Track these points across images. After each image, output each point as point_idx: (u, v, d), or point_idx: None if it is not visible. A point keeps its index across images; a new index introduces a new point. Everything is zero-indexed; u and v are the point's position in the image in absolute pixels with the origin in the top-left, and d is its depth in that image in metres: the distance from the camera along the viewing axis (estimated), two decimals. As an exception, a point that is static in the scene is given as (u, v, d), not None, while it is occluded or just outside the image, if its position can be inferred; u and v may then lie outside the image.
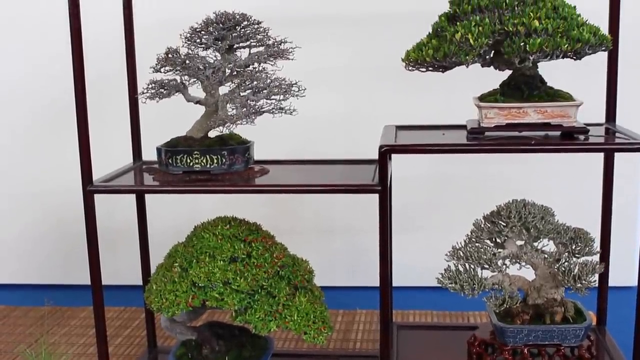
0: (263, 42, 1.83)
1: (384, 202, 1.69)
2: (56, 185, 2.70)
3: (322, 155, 2.13)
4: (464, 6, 1.71)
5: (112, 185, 1.85)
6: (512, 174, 2.49)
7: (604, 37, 1.70)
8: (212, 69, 1.80)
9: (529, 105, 1.73)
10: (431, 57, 1.70)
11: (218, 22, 1.81)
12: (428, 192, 2.58)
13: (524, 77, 1.77)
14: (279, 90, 1.76)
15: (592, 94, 1.91)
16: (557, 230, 1.84)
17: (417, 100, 2.43)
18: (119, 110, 2.18)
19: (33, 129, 2.68)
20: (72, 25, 1.75)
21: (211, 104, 1.84)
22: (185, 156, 1.81)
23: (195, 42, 1.83)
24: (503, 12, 1.68)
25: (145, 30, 2.20)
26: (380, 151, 1.68)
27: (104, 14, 2.32)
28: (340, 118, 2.53)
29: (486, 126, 1.76)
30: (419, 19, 1.90)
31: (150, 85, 1.85)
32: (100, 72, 2.22)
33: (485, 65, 1.76)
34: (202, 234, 1.84)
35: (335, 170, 1.94)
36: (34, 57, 2.62)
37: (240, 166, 1.82)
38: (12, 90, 2.66)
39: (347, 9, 2.45)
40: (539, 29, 1.64)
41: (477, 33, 1.65)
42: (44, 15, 2.57)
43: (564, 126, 1.74)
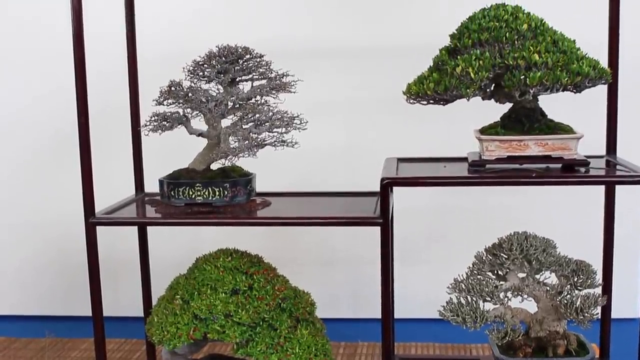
0: (265, 75, 1.85)
1: (386, 234, 1.69)
2: (58, 216, 2.70)
3: (324, 187, 2.14)
4: (464, 40, 1.73)
5: (114, 218, 1.85)
6: (514, 205, 2.49)
7: (604, 70, 1.71)
8: (215, 101, 1.82)
9: (529, 138, 1.74)
10: (432, 91, 1.71)
11: (221, 55, 1.83)
12: (429, 223, 2.58)
13: (525, 110, 1.78)
14: (281, 123, 1.77)
15: (592, 126, 1.92)
16: (559, 262, 1.84)
17: (418, 132, 2.44)
18: (121, 142, 2.19)
19: (35, 160, 2.69)
20: (76, 57, 1.77)
21: (213, 136, 1.85)
22: (188, 188, 1.82)
23: (198, 75, 1.85)
24: (503, 46, 1.70)
25: (149, 63, 2.22)
26: (382, 184, 1.69)
27: (107, 46, 2.34)
28: (342, 150, 2.53)
29: (487, 159, 1.76)
30: (419, 52, 1.92)
31: (153, 118, 1.87)
32: (103, 104, 2.24)
33: (486, 98, 1.77)
34: (203, 266, 1.84)
35: (337, 202, 1.94)
36: (37, 88, 2.64)
37: (242, 198, 1.83)
38: (15, 121, 2.68)
39: (348, 42, 2.47)
40: (539, 62, 1.65)
41: (477, 67, 1.67)
42: (48, 47, 2.59)
43: (565, 159, 1.75)
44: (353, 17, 2.47)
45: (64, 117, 2.48)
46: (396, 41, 2.44)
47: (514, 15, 1.73)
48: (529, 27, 1.71)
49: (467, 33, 1.73)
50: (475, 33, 1.71)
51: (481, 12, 1.76)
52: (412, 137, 2.44)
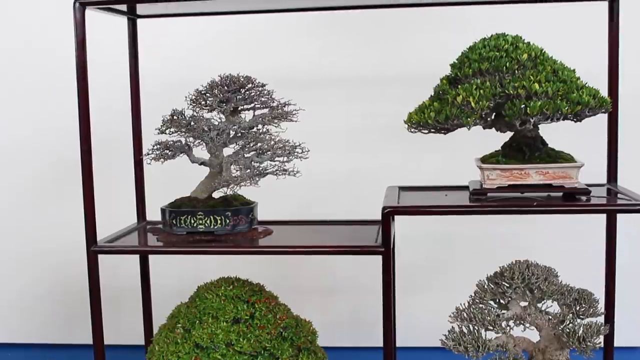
0: (267, 104, 1.86)
1: (388, 263, 1.69)
2: (59, 243, 2.70)
3: (325, 215, 2.14)
4: (465, 70, 1.74)
5: (116, 246, 1.85)
6: (515, 234, 2.49)
7: (604, 99, 1.72)
8: (217, 130, 1.83)
9: (530, 167, 1.75)
10: (433, 120, 1.72)
11: (223, 84, 1.85)
12: (431, 251, 2.57)
13: (526, 139, 1.79)
14: (283, 152, 1.78)
15: (593, 154, 1.93)
16: (561, 291, 1.83)
17: (420, 160, 2.45)
18: (124, 170, 2.20)
19: (38, 187, 2.70)
20: (79, 86, 1.78)
21: (215, 165, 1.86)
22: (189, 217, 1.82)
23: (200, 104, 1.86)
24: (504, 75, 1.71)
25: (151, 92, 2.24)
26: (383, 213, 1.69)
27: (110, 75, 2.36)
28: (344, 178, 2.54)
29: (488, 187, 1.77)
30: (420, 81, 1.93)
31: (155, 147, 1.87)
32: (106, 132, 2.25)
33: (487, 127, 1.78)
34: (205, 294, 1.84)
35: (339, 230, 1.94)
36: (40, 117, 2.65)
37: (244, 227, 1.83)
38: (18, 148, 2.69)
39: (349, 71, 2.48)
40: (539, 92, 1.66)
41: (478, 96, 1.68)
42: (52, 75, 2.61)
43: (566, 187, 1.75)
44: (354, 46, 2.49)
45: (66, 144, 2.49)
46: (397, 70, 2.45)
47: (514, 45, 1.74)
48: (529, 56, 1.73)
49: (468, 62, 1.75)
50: (475, 62, 1.73)
51: (481, 41, 1.78)
52: (414, 165, 2.45)
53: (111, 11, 1.93)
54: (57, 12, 2.51)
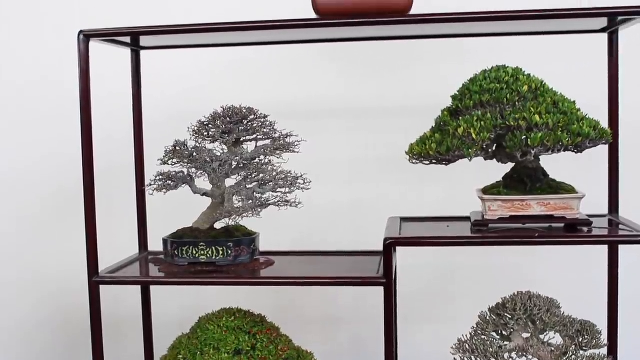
0: (269, 135, 1.87)
1: (389, 294, 1.69)
2: (60, 271, 2.69)
3: (327, 245, 2.14)
4: (465, 101, 1.75)
5: (117, 277, 1.85)
6: (517, 265, 2.48)
7: (604, 131, 1.73)
8: (219, 161, 1.83)
9: (532, 198, 1.75)
10: (434, 151, 1.73)
11: (225, 115, 1.86)
12: (433, 282, 2.57)
13: (527, 170, 1.79)
14: (285, 183, 1.79)
15: (594, 185, 1.93)
16: (564, 322, 1.83)
17: (421, 191, 2.45)
18: (126, 200, 2.21)
19: (40, 216, 2.70)
20: (82, 116, 1.80)
21: (218, 195, 1.86)
22: (191, 247, 1.82)
23: (202, 135, 1.87)
24: (504, 107, 1.72)
25: (154, 122, 2.25)
26: (385, 244, 1.69)
27: (113, 105, 2.37)
28: (345, 208, 2.54)
29: (490, 218, 1.77)
30: (421, 113, 1.94)
31: (157, 177, 1.88)
32: (108, 162, 2.26)
33: (488, 158, 1.78)
34: (206, 325, 1.83)
35: (341, 261, 1.94)
36: (43, 145, 2.66)
37: (245, 258, 1.83)
38: (21, 177, 2.69)
39: (351, 102, 2.50)
40: (540, 123, 1.67)
41: (479, 128, 1.69)
42: (55, 104, 2.62)
43: (568, 218, 1.75)
44: (355, 77, 2.50)
45: (69, 174, 2.50)
46: (398, 101, 2.46)
47: (515, 77, 1.75)
48: (530, 88, 1.74)
49: (469, 94, 1.76)
50: (476, 94, 1.74)
51: (482, 73, 1.79)
52: (415, 196, 2.45)
53: (115, 43, 1.95)
54: (60, 42, 2.54)
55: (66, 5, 2.58)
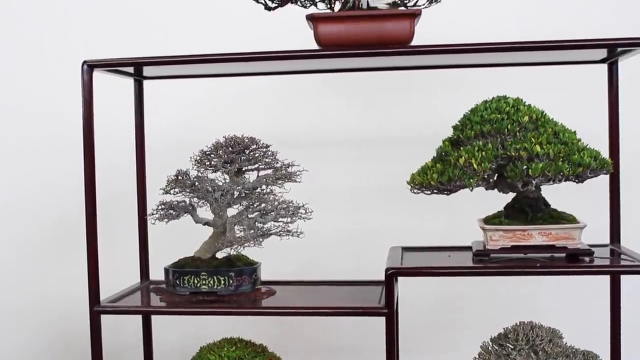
0: (271, 165, 1.88)
1: (391, 324, 1.69)
2: (61, 300, 2.68)
3: (328, 274, 2.14)
4: (467, 132, 1.76)
5: (119, 306, 1.85)
6: (519, 294, 2.48)
7: (605, 161, 1.73)
8: (221, 191, 1.84)
9: (533, 228, 1.75)
10: (436, 181, 1.74)
11: (227, 145, 1.86)
12: (435, 312, 2.56)
13: (528, 200, 1.80)
14: (287, 212, 1.79)
15: (596, 214, 1.94)
16: (566, 353, 1.82)
17: (423, 220, 2.45)
18: (127, 229, 2.21)
19: (41, 244, 2.70)
20: (85, 145, 1.80)
21: (219, 225, 1.87)
22: (193, 277, 1.82)
23: (204, 165, 1.88)
24: (505, 137, 1.73)
25: (156, 151, 2.26)
26: (386, 274, 1.69)
27: (116, 134, 2.39)
28: (347, 237, 2.54)
29: (491, 248, 1.77)
30: (423, 142, 1.95)
31: (159, 207, 1.88)
32: (110, 191, 2.26)
33: (489, 188, 1.79)
34: (207, 355, 1.83)
35: (342, 291, 1.94)
36: (46, 174, 2.66)
37: (247, 287, 1.83)
38: (23, 205, 2.69)
39: (353, 132, 2.51)
40: (541, 153, 1.68)
41: (480, 158, 1.70)
42: (58, 133, 2.63)
43: (569, 248, 1.75)
44: (356, 107, 2.51)
45: (71, 202, 2.50)
46: (400, 131, 2.47)
47: (515, 107, 1.76)
48: (530, 118, 1.75)
49: (470, 125, 1.77)
50: (477, 125, 1.75)
51: (483, 104, 1.80)
52: (417, 225, 2.45)
53: (118, 73, 1.96)
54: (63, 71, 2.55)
55: (69, 35, 2.61)
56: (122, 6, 2.59)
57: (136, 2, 2.58)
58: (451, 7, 2.02)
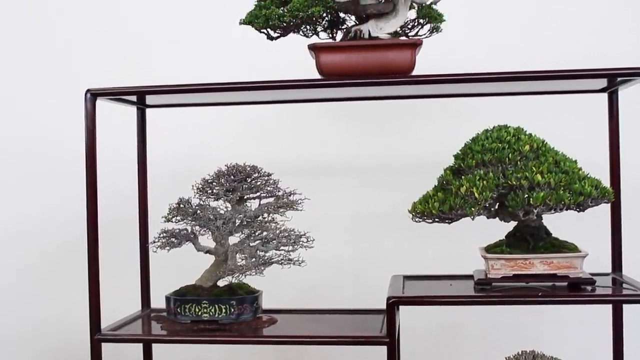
0: (273, 194, 1.88)
1: (392, 354, 1.68)
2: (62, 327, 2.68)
3: (330, 303, 2.13)
4: (468, 161, 1.77)
5: (120, 335, 1.85)
6: (521, 323, 2.47)
7: (606, 190, 1.74)
8: (223, 219, 1.84)
9: (535, 257, 1.75)
10: (437, 210, 1.74)
11: (229, 173, 1.87)
12: (436, 341, 2.55)
13: (529, 229, 1.80)
14: (288, 241, 1.79)
15: (597, 243, 1.94)
16: (569, 382, 1.81)
17: (424, 248, 2.45)
18: (129, 256, 2.21)
19: (42, 270, 2.70)
20: (88, 173, 1.81)
21: (221, 253, 1.87)
22: (194, 305, 1.82)
23: (206, 193, 1.88)
24: (506, 166, 1.73)
25: (158, 178, 2.27)
26: (388, 303, 1.69)
27: (118, 162, 2.40)
28: (348, 265, 2.54)
29: (493, 277, 1.77)
30: (424, 170, 1.96)
31: (161, 235, 1.89)
32: (112, 218, 2.27)
33: (491, 217, 1.79)
34: (208, 384, 1.82)
35: (343, 320, 1.93)
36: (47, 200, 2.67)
37: (248, 316, 1.82)
38: (24, 230, 2.69)
39: (355, 160, 2.51)
40: (542, 182, 1.68)
41: (481, 187, 1.70)
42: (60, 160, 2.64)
43: (571, 277, 1.75)
44: (359, 135, 2.52)
45: (72, 229, 2.50)
46: (401, 159, 2.48)
47: (516, 136, 1.77)
48: (531, 148, 1.75)
49: (471, 154, 1.77)
50: (478, 154, 1.75)
51: (484, 133, 1.81)
52: (418, 253, 2.45)
53: (121, 101, 1.98)
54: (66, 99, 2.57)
55: (72, 63, 2.63)
56: (125, 34, 2.61)
57: (139, 30, 2.60)
58: (452, 37, 2.03)
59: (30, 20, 2.68)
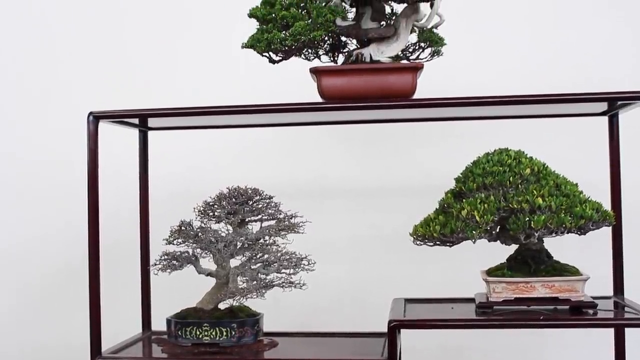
0: (274, 216, 1.89)
1: (394, 377, 1.67)
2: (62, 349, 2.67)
3: (331, 326, 2.13)
4: (469, 184, 1.77)
5: (120, 357, 1.84)
6: (523, 346, 2.46)
7: (607, 213, 1.74)
8: (224, 242, 1.84)
9: (536, 280, 1.75)
10: (438, 233, 1.74)
11: (231, 196, 1.88)
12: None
13: (531, 252, 1.80)
14: (289, 264, 1.79)
15: (599, 266, 1.93)
16: (571, 407, 1.80)
17: (425, 271, 2.44)
18: (130, 278, 2.20)
19: (42, 292, 2.70)
20: (90, 195, 1.81)
21: (222, 276, 1.87)
22: (195, 328, 1.82)
23: (208, 216, 1.89)
24: (507, 189, 1.73)
25: (160, 200, 2.27)
26: (389, 326, 1.68)
27: (120, 185, 2.40)
28: (349, 287, 2.54)
29: (495, 300, 1.77)
30: (425, 193, 1.96)
31: (162, 257, 1.89)
32: (113, 240, 2.26)
33: (492, 240, 1.79)
34: (209, 408, 1.81)
35: (344, 343, 1.93)
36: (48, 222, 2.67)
37: (249, 339, 1.82)
38: (25, 251, 2.69)
39: (356, 183, 2.52)
40: (543, 206, 1.69)
41: (482, 210, 1.70)
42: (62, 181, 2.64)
43: (572, 300, 1.75)
44: (360, 158, 2.53)
45: (73, 250, 2.50)
46: (402, 181, 2.49)
47: (517, 159, 1.77)
48: (532, 171, 1.76)
49: (472, 177, 1.78)
50: (479, 177, 1.76)
51: (485, 156, 1.82)
52: (419, 276, 2.44)
53: (123, 124, 1.98)
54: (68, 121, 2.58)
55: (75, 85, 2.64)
56: (126, 58, 2.63)
57: (141, 54, 2.62)
58: (453, 60, 2.04)
59: (33, 43, 2.70)
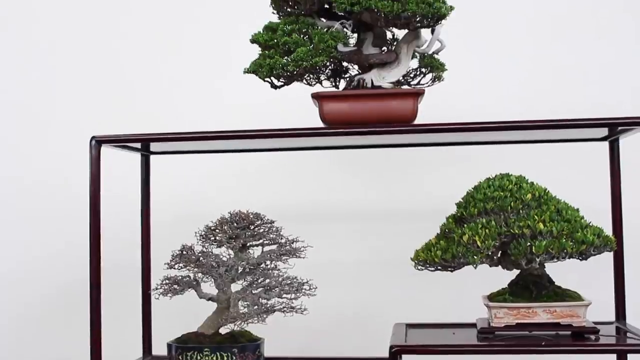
0: (276, 241, 1.89)
1: (395, 403, 1.67)
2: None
3: (332, 350, 2.12)
4: (470, 209, 1.77)
5: (121, 382, 1.84)
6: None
7: (608, 238, 1.74)
8: (226, 267, 1.84)
9: (538, 305, 1.75)
10: (440, 258, 1.74)
11: (232, 221, 1.88)
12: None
13: (532, 277, 1.80)
14: (291, 288, 1.79)
15: (600, 291, 1.93)
16: None
17: (427, 296, 2.44)
18: (131, 303, 2.20)
19: (43, 315, 2.69)
20: (91, 219, 1.81)
21: (223, 300, 1.86)
22: (196, 353, 1.81)
23: (209, 240, 1.89)
24: (508, 215, 1.74)
25: (161, 224, 2.27)
26: (390, 351, 1.68)
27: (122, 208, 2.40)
28: (351, 313, 2.53)
29: (496, 326, 1.76)
30: (426, 218, 1.96)
31: (164, 281, 1.89)
32: (114, 264, 2.27)
33: (493, 265, 1.79)
34: None
35: (346, 368, 1.93)
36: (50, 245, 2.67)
37: (250, 364, 1.82)
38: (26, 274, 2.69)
39: (357, 207, 2.52)
40: (544, 231, 1.69)
41: (484, 235, 1.70)
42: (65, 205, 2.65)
43: (574, 326, 1.74)
44: (361, 182, 2.54)
45: (74, 274, 2.50)
46: (403, 206, 2.49)
47: (518, 185, 1.78)
48: (533, 196, 1.76)
49: (473, 202, 1.78)
50: (481, 202, 1.76)
51: (486, 181, 1.82)
52: (421, 302, 2.44)
53: (126, 148, 1.99)
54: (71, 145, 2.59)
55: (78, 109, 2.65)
56: (130, 82, 2.64)
57: (144, 79, 2.64)
58: (454, 86, 2.05)
59: (35, 67, 2.71)
